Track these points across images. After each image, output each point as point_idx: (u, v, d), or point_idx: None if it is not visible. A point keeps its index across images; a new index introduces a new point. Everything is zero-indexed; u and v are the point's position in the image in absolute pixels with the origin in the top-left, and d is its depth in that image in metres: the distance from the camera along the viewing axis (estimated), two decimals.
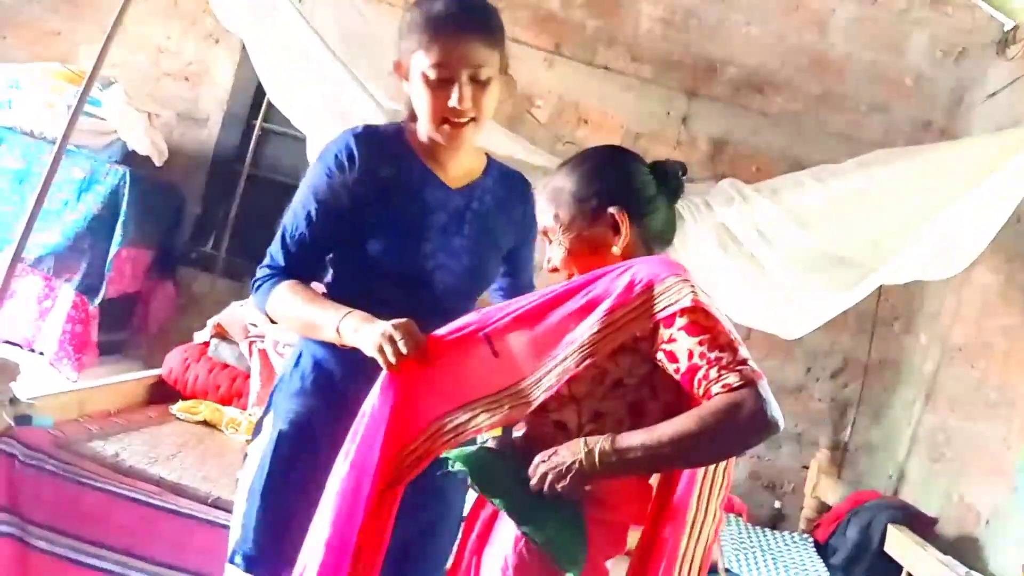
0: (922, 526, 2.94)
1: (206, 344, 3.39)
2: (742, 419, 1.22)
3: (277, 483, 1.58)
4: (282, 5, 2.87)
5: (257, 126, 4.11)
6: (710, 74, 3.99)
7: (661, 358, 1.31)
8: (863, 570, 2.93)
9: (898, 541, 2.78)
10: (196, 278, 4.10)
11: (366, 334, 1.42)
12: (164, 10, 4.12)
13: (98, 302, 3.50)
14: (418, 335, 1.39)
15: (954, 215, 2.71)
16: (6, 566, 2.28)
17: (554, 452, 1.31)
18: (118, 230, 3.49)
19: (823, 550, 3.15)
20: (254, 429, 1.71)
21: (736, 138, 3.99)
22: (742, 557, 2.94)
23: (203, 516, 2.31)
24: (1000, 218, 2.66)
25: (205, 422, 3.07)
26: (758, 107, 3.98)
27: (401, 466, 1.36)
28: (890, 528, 2.85)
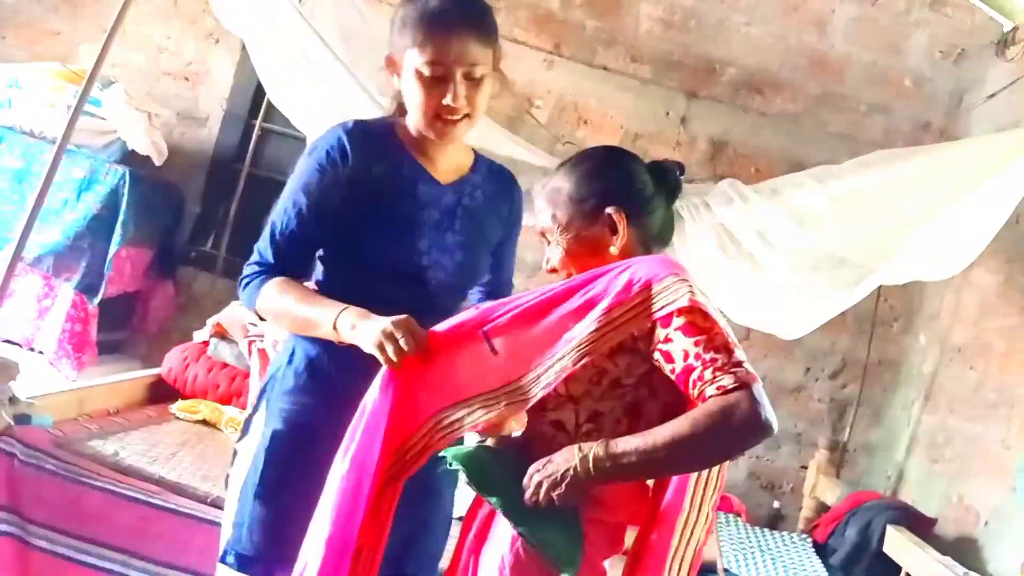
0: (921, 527, 2.94)
1: (205, 343, 3.40)
2: (736, 422, 1.21)
3: (272, 482, 1.56)
4: (282, 5, 2.87)
5: (257, 126, 4.12)
6: (710, 74, 3.99)
7: (658, 358, 1.30)
8: (862, 570, 2.93)
9: (897, 542, 2.77)
10: (196, 277, 4.10)
11: (365, 331, 1.40)
12: (164, 10, 4.12)
13: (97, 301, 3.50)
14: (419, 332, 1.38)
15: (953, 216, 2.71)
16: (6, 565, 2.28)
17: (548, 461, 1.30)
18: (118, 229, 3.50)
19: (822, 550, 3.14)
20: (242, 428, 1.69)
21: (735, 139, 3.99)
22: (741, 557, 2.94)
23: (202, 515, 2.30)
24: (999, 219, 2.66)
25: (204, 421, 3.07)
26: (758, 108, 3.98)
27: (401, 462, 1.36)
28: (889, 529, 2.84)
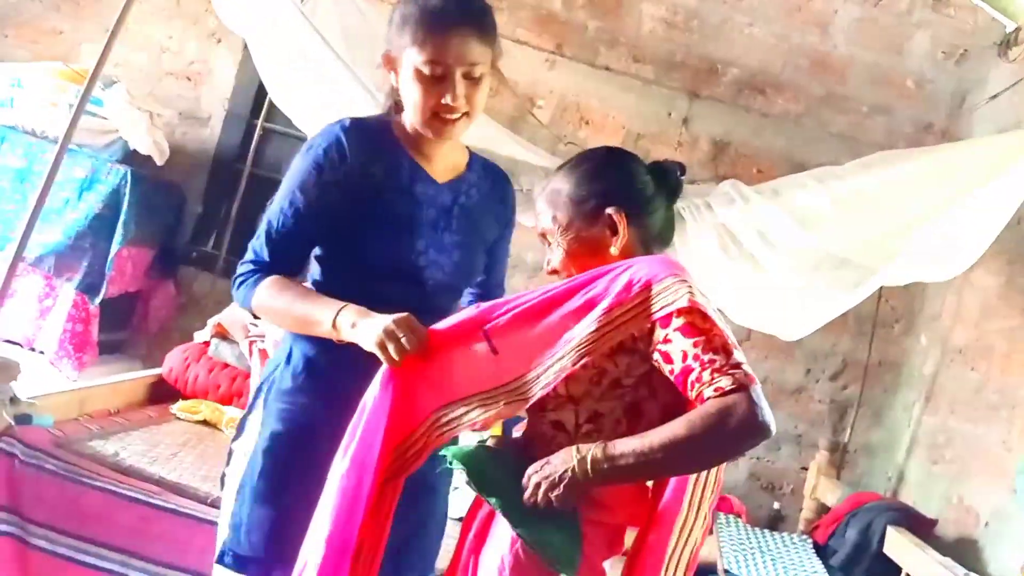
0: (922, 528, 2.93)
1: (206, 344, 3.40)
2: (733, 424, 1.21)
3: (271, 483, 1.55)
4: (284, 5, 2.87)
5: (259, 126, 4.11)
6: (712, 75, 3.98)
7: (657, 358, 1.30)
8: (862, 571, 2.92)
9: (897, 543, 2.77)
10: (197, 278, 4.10)
11: (366, 329, 1.40)
12: (166, 9, 4.12)
13: (98, 301, 3.50)
14: (420, 330, 1.38)
15: (955, 217, 2.71)
16: (6, 565, 2.29)
17: (546, 462, 1.30)
18: (119, 229, 3.50)
19: (822, 551, 3.14)
20: (237, 427, 1.67)
21: (737, 139, 3.99)
22: (741, 558, 2.93)
23: (203, 516, 2.31)
24: (1001, 220, 2.65)
25: (205, 422, 3.08)
26: (759, 108, 3.97)
27: (401, 460, 1.36)
28: (889, 530, 2.84)
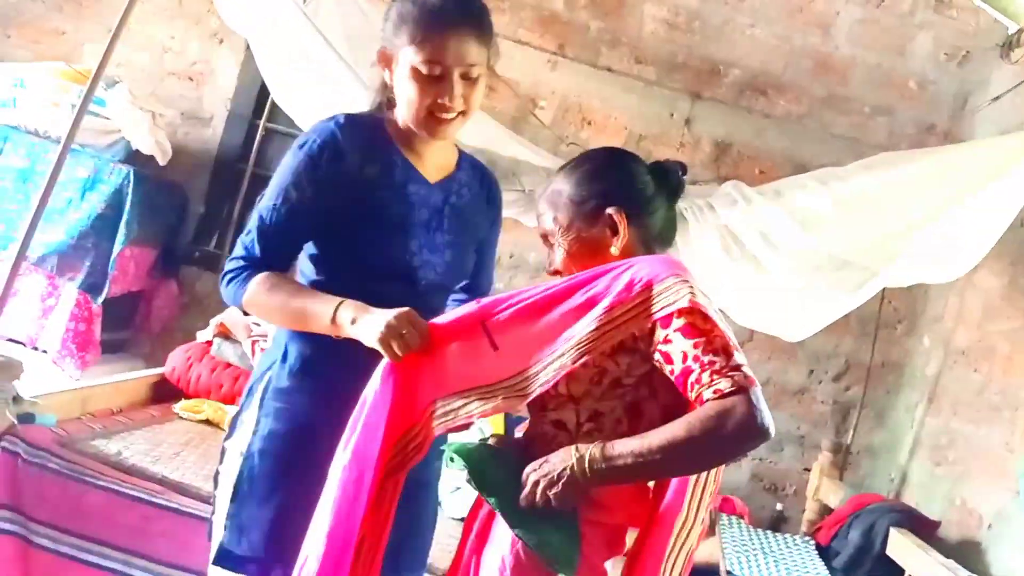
0: (924, 529, 2.93)
1: (209, 343, 3.40)
2: (731, 427, 1.20)
3: (270, 482, 1.54)
4: (286, 5, 2.87)
5: (261, 126, 4.12)
6: (714, 76, 3.98)
7: (658, 359, 1.30)
8: (865, 573, 2.92)
9: (900, 544, 2.77)
10: (199, 277, 4.10)
11: (367, 325, 1.40)
12: (169, 9, 4.13)
13: (101, 301, 3.50)
14: (422, 324, 1.38)
15: (958, 218, 2.71)
16: (9, 564, 2.29)
17: (545, 460, 1.30)
18: (121, 229, 3.50)
19: (825, 553, 3.14)
20: (229, 425, 1.66)
21: (739, 140, 3.98)
22: (744, 559, 2.93)
23: (205, 515, 2.27)
24: (1004, 221, 2.65)
25: (208, 421, 3.08)
26: (762, 109, 3.97)
27: (402, 454, 1.36)
28: (892, 531, 2.84)
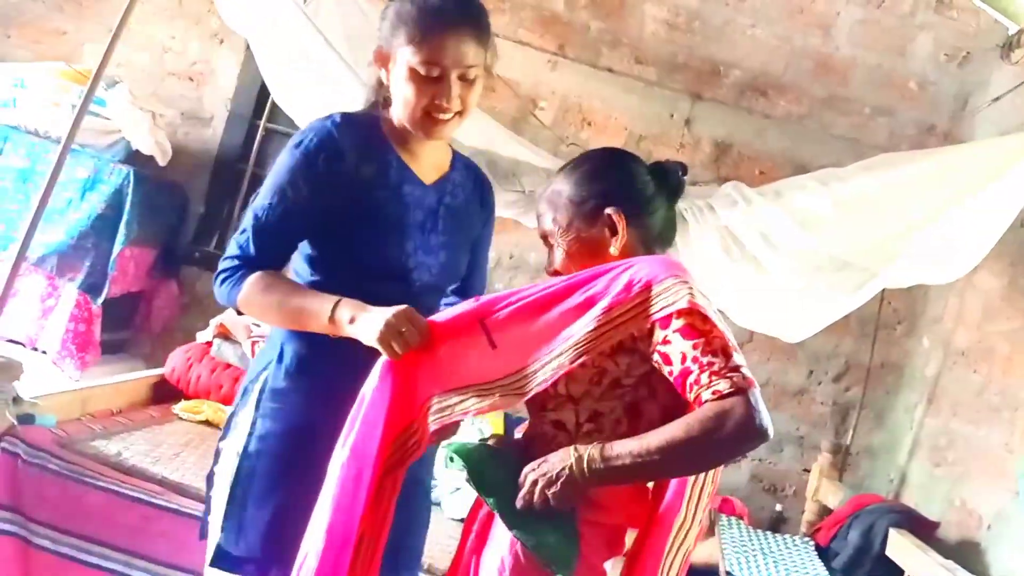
0: (924, 530, 2.93)
1: (209, 344, 3.40)
2: (729, 428, 1.20)
3: (268, 483, 1.54)
4: (287, 5, 2.87)
5: (261, 126, 4.11)
6: (714, 77, 3.98)
7: (657, 359, 1.30)
8: (864, 574, 2.92)
9: (899, 545, 2.77)
10: (199, 278, 4.10)
11: (366, 324, 1.40)
12: (169, 9, 4.12)
13: (101, 301, 3.50)
14: (421, 322, 1.38)
15: (957, 219, 2.71)
16: (9, 565, 2.29)
17: (544, 460, 1.30)
18: (121, 229, 3.50)
19: (824, 553, 3.14)
20: (224, 426, 1.66)
21: (740, 141, 3.98)
22: (743, 560, 2.93)
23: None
24: (1004, 222, 2.65)
25: (207, 422, 3.08)
26: (762, 110, 3.97)
27: (401, 450, 1.36)
28: (892, 532, 2.84)
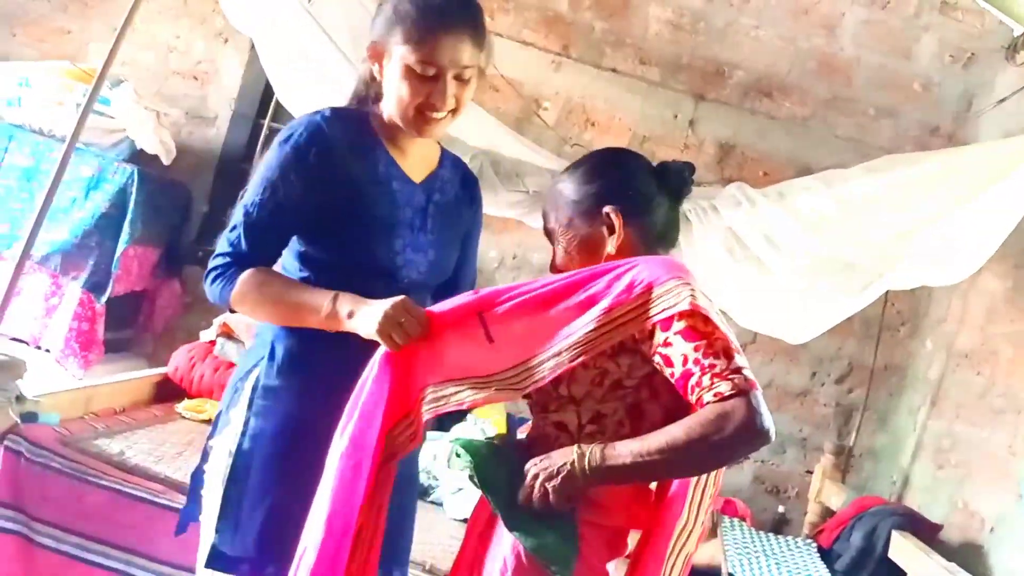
0: (926, 532, 2.92)
1: (212, 343, 3.40)
2: (731, 430, 1.20)
3: (263, 481, 1.54)
4: (290, 4, 2.88)
5: (265, 125, 4.11)
6: (718, 77, 3.98)
7: (658, 361, 1.29)
8: None
9: (902, 547, 2.76)
10: (203, 277, 4.10)
11: (364, 317, 1.40)
12: (173, 9, 4.14)
13: (105, 300, 3.51)
14: (420, 313, 1.38)
15: (961, 221, 2.70)
16: (11, 563, 2.29)
17: (547, 456, 1.31)
18: (125, 228, 3.51)
19: (827, 555, 3.13)
20: (213, 424, 1.64)
21: (744, 142, 3.98)
22: (745, 561, 2.93)
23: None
24: (1007, 224, 2.65)
25: (210, 421, 3.06)
26: (766, 111, 3.97)
27: (396, 441, 1.36)
28: (894, 534, 2.83)
